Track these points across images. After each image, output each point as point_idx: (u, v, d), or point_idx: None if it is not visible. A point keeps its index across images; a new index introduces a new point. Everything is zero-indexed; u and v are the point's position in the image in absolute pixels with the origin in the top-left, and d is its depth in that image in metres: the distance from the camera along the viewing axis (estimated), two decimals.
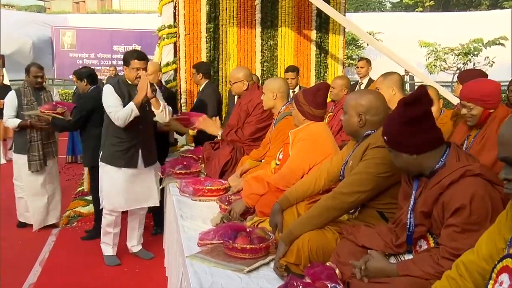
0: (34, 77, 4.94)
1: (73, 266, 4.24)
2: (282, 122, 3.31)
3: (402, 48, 12.92)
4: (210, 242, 2.42)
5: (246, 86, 4.13)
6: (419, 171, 1.84)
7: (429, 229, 1.79)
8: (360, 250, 1.97)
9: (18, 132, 4.92)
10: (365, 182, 2.13)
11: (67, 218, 5.43)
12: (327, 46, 6.83)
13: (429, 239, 1.80)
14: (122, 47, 16.52)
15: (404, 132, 1.79)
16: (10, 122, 4.86)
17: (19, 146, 4.90)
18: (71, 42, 16.57)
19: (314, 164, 2.73)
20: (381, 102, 2.31)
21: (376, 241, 1.94)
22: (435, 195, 1.71)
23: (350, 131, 2.36)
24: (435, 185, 1.72)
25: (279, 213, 2.42)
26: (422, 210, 1.76)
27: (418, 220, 1.78)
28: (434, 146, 1.80)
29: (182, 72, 6.05)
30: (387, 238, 1.91)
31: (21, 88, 4.96)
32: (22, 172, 4.93)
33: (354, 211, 2.28)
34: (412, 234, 1.81)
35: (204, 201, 3.40)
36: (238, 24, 6.30)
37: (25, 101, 4.87)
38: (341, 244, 2.07)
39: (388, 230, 1.96)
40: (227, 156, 3.95)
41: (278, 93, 3.38)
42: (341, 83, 4.98)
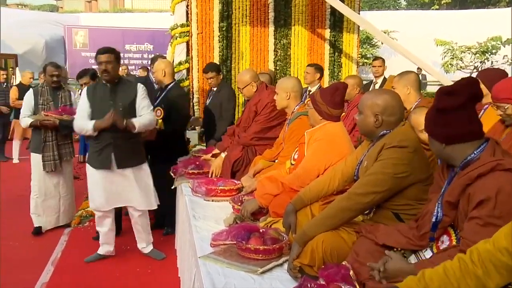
0: (50, 76, 4.95)
1: (85, 265, 4.27)
2: (296, 122, 3.31)
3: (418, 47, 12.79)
4: (223, 242, 2.43)
5: (255, 87, 4.14)
6: (448, 161, 1.85)
7: (452, 223, 1.78)
8: (379, 250, 1.95)
9: (34, 132, 4.96)
10: (381, 183, 2.12)
11: (79, 218, 5.47)
12: (341, 45, 6.82)
13: (451, 234, 1.78)
14: (134, 46, 16.61)
15: (435, 120, 1.81)
16: (23, 121, 4.90)
17: (35, 145, 4.94)
18: (83, 41, 16.69)
19: (330, 164, 2.73)
20: (397, 102, 2.30)
21: (397, 238, 1.93)
22: (463, 185, 1.70)
23: (366, 131, 2.35)
24: (464, 176, 1.72)
25: (292, 213, 2.42)
26: (447, 200, 1.75)
27: (444, 210, 1.78)
28: (466, 139, 1.78)
29: (195, 71, 6.09)
30: (409, 234, 1.91)
31: (39, 87, 4.99)
32: (36, 171, 4.95)
33: (369, 212, 2.28)
34: (437, 223, 1.79)
35: (217, 201, 3.42)
36: (251, 23, 6.32)
37: (41, 100, 4.88)
38: (360, 243, 2.06)
39: (409, 228, 1.95)
40: (237, 155, 3.96)
41: (292, 92, 3.37)
42: (353, 82, 4.96)
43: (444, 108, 1.77)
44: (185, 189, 3.76)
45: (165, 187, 4.73)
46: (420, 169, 2.15)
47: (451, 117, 1.78)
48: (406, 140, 2.15)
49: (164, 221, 5.07)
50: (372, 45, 19.04)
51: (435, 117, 1.81)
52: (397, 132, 2.23)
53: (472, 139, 1.79)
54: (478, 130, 1.81)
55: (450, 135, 1.78)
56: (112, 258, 4.36)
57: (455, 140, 1.78)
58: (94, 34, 16.73)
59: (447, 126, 1.78)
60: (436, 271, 1.49)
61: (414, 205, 2.14)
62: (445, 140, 1.79)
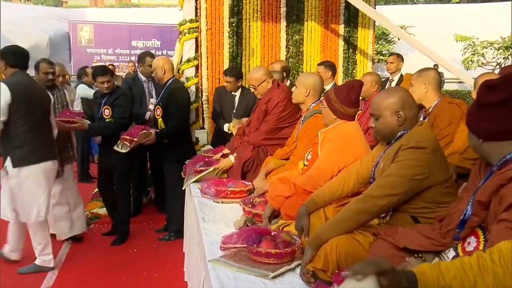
0: (45, 73, 4.64)
1: (90, 269, 4.32)
2: (310, 120, 3.31)
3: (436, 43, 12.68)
4: (233, 246, 2.45)
5: (270, 83, 4.14)
6: (484, 157, 1.85)
7: (482, 224, 1.76)
8: (398, 254, 1.94)
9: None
10: (398, 185, 2.12)
11: None
12: (355, 41, 6.80)
13: (479, 235, 1.76)
14: (141, 42, 16.69)
15: (475, 114, 1.82)
16: None
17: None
18: (89, 37, 16.78)
19: (344, 165, 2.73)
20: (410, 96, 2.35)
21: (418, 240, 1.92)
22: (496, 185, 1.69)
23: (388, 135, 2.33)
24: (499, 175, 1.70)
25: (305, 216, 2.42)
26: (479, 199, 1.74)
27: (474, 210, 1.76)
28: (506, 138, 1.76)
29: (204, 69, 6.09)
30: (431, 234, 1.90)
31: None
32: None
33: (385, 215, 2.27)
34: (465, 221, 1.78)
35: (227, 203, 3.44)
36: (262, 18, 6.32)
37: None
38: (377, 246, 2.05)
39: (431, 229, 1.94)
40: (248, 156, 3.97)
41: (312, 90, 3.38)
42: (370, 79, 4.96)
43: (485, 103, 1.77)
44: (194, 191, 3.78)
45: (173, 189, 4.78)
46: (439, 170, 2.14)
47: (492, 112, 1.76)
48: (424, 141, 2.14)
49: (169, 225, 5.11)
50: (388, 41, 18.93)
51: (475, 111, 1.82)
52: (415, 132, 2.23)
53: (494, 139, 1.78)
54: None
55: (490, 131, 1.77)
56: (118, 262, 4.40)
57: (494, 137, 1.77)
58: (100, 30, 16.81)
59: (487, 121, 1.77)
60: (452, 263, 1.47)
61: (433, 208, 2.13)
62: (484, 135, 1.79)
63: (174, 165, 4.75)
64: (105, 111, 4.86)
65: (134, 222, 5.44)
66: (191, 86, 5.97)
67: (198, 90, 6.11)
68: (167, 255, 4.60)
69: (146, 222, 5.57)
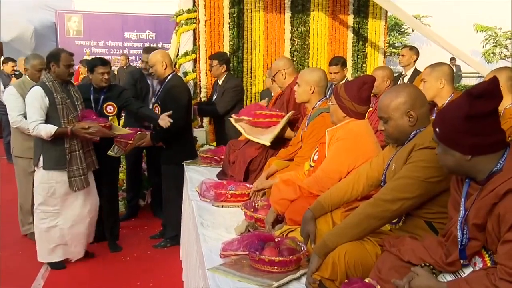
0: (66, 66, 4.27)
1: (78, 278, 4.33)
2: (317, 120, 3.32)
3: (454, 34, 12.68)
4: (234, 253, 2.46)
5: (285, 76, 4.18)
6: (469, 175, 1.81)
7: (484, 244, 1.75)
8: (405, 266, 1.95)
9: (50, 142, 4.19)
10: (411, 188, 2.12)
11: None
12: (366, 33, 6.82)
13: (484, 256, 1.76)
14: (135, 34, 16.70)
15: (463, 128, 1.73)
16: (42, 129, 4.11)
17: (52, 159, 4.23)
18: (77, 28, 16.77)
19: (353, 167, 2.74)
20: (420, 92, 2.35)
21: (424, 257, 1.91)
22: (489, 205, 1.68)
23: (400, 137, 2.33)
24: (489, 193, 1.69)
25: (311, 221, 2.42)
26: (474, 223, 1.72)
27: (471, 234, 1.75)
28: (494, 150, 1.75)
29: (202, 63, 6.12)
30: (437, 255, 1.89)
31: (47, 82, 4.21)
32: (58, 192, 4.29)
33: (397, 220, 2.28)
34: (465, 249, 1.77)
35: (227, 207, 3.45)
36: (265, 9, 6.35)
37: (59, 98, 4.19)
38: (383, 258, 2.06)
39: (438, 243, 1.93)
40: (254, 153, 3.96)
41: (316, 87, 3.39)
42: (382, 74, 4.98)
43: (475, 114, 1.71)
44: (192, 194, 3.80)
45: (170, 193, 4.80)
46: None
47: (482, 124, 1.73)
48: None
49: (165, 231, 5.13)
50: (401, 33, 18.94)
51: (460, 125, 1.74)
52: (429, 131, 2.20)
53: (500, 148, 1.76)
54: (505, 137, 1.78)
55: (480, 145, 1.74)
56: (112, 271, 4.42)
57: (483, 151, 1.75)
58: (89, 21, 16.80)
59: (478, 135, 1.73)
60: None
61: None
62: (472, 151, 1.74)
63: (172, 167, 4.77)
64: (107, 108, 4.78)
65: (127, 227, 5.46)
66: (188, 82, 5.99)
67: (196, 85, 6.13)
68: (163, 263, 4.62)
69: (140, 227, 5.60)
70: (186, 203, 4.17)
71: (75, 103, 4.36)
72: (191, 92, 5.99)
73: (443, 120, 1.80)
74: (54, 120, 4.16)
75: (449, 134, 1.78)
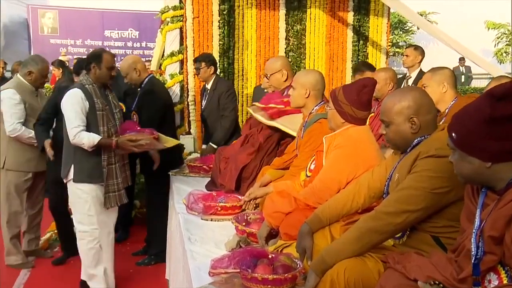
0: (108, 68, 4.14)
1: None
2: (314, 127, 3.31)
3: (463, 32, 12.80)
4: (225, 271, 2.46)
5: (286, 76, 4.14)
6: (486, 184, 1.80)
7: (500, 259, 1.74)
8: (411, 284, 1.95)
9: (84, 151, 4.00)
10: (415, 200, 2.13)
11: (47, 242, 5.53)
12: (367, 31, 6.86)
13: (500, 272, 1.75)
14: (116, 32, 16.67)
15: (484, 133, 1.73)
16: (85, 137, 3.92)
17: (84, 171, 4.04)
18: (52, 25, 16.69)
19: (353, 176, 2.76)
20: (428, 97, 2.35)
21: (432, 275, 1.91)
22: (508, 215, 1.67)
23: (401, 143, 2.35)
24: (508, 203, 1.69)
25: (308, 236, 2.43)
26: (491, 235, 1.71)
27: (487, 247, 1.74)
28: (507, 159, 1.75)
29: (190, 64, 6.12)
30: (447, 272, 1.88)
31: (87, 85, 4.02)
32: (93, 209, 4.10)
33: (401, 235, 2.29)
34: (479, 263, 1.76)
35: (217, 220, 3.46)
36: (258, 5, 6.38)
37: (99, 104, 4.02)
38: (387, 276, 2.06)
39: (447, 260, 1.94)
40: (246, 159, 3.96)
41: (312, 90, 3.39)
42: (385, 76, 4.99)
43: (499, 117, 1.71)
44: (179, 206, 3.80)
45: (155, 205, 4.79)
46: None
47: (506, 128, 1.73)
48: (446, 148, 2.09)
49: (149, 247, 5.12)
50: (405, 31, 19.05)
51: (481, 129, 1.73)
52: (435, 138, 2.23)
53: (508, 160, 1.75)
54: None
55: (503, 150, 1.74)
56: None
57: (508, 157, 1.74)
58: (66, 17, 16.72)
59: (501, 139, 1.72)
60: None
61: (457, 227, 2.09)
62: (494, 157, 1.74)
63: (156, 178, 4.78)
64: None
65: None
66: (175, 85, 6.00)
67: (183, 89, 6.13)
68: (147, 282, 4.61)
69: (121, 243, 5.58)
70: (172, 217, 4.17)
71: (113, 111, 4.21)
72: (178, 96, 6.01)
73: (461, 124, 1.79)
74: (92, 128, 3.98)
75: (467, 139, 1.77)
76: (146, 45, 15.92)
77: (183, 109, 6.16)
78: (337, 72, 6.80)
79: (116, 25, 16.70)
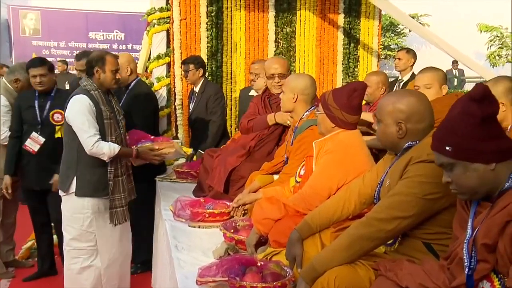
0: (113, 72, 3.95)
1: None
2: (306, 133, 3.30)
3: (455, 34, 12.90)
4: (212, 279, 2.46)
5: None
6: (491, 191, 1.79)
7: (494, 267, 1.75)
8: None
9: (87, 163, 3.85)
10: (407, 206, 2.14)
11: (29, 251, 5.47)
12: (358, 34, 6.90)
13: (493, 280, 1.76)
14: (101, 34, 16.58)
15: (481, 135, 1.75)
16: (105, 146, 3.77)
17: (89, 184, 3.87)
18: (34, 26, 16.55)
19: (344, 182, 2.77)
20: (425, 105, 2.33)
21: (424, 283, 1.92)
22: (501, 223, 1.68)
23: (387, 144, 2.39)
24: (501, 211, 1.70)
25: (298, 243, 2.44)
26: (484, 242, 1.73)
27: (480, 255, 1.75)
28: (509, 156, 1.78)
29: (177, 67, 6.12)
30: (439, 280, 1.89)
31: (92, 90, 3.85)
32: (95, 225, 3.93)
33: (393, 242, 2.31)
34: (473, 273, 1.77)
35: (205, 227, 3.45)
36: (247, 7, 6.39)
37: (106, 112, 3.86)
38: (378, 284, 2.07)
39: (440, 267, 1.95)
40: (235, 162, 3.95)
41: (300, 95, 3.40)
42: (376, 80, 5.02)
43: (489, 116, 1.75)
44: (165, 213, 3.80)
45: (141, 212, 4.78)
46: None
47: (495, 126, 1.77)
48: None
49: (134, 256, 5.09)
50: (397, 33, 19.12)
51: (475, 132, 1.75)
52: (427, 143, 2.20)
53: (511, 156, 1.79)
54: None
55: (501, 148, 1.76)
56: None
57: (506, 155, 1.77)
58: (49, 18, 16.59)
59: (496, 138, 1.76)
60: None
61: (450, 233, 2.11)
62: (496, 156, 1.76)
63: (141, 184, 4.77)
64: (54, 116, 4.65)
65: None
66: (161, 88, 5.99)
67: (170, 92, 6.13)
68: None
69: None
70: (159, 224, 4.16)
71: (117, 118, 4.03)
72: (165, 100, 6.01)
73: (454, 134, 1.79)
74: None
75: (466, 146, 1.77)
76: (132, 47, 15.86)
77: (170, 113, 6.15)
78: (327, 75, 6.83)
79: (101, 26, 16.62)
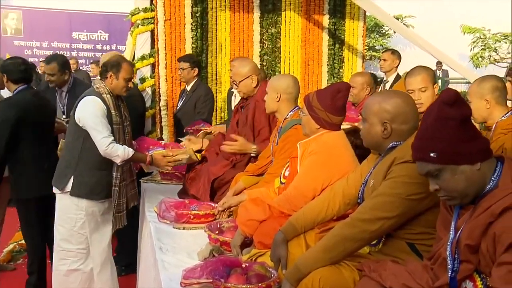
0: (126, 80, 3.88)
1: None
2: (290, 133, 3.33)
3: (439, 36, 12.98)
4: (197, 281, 2.45)
5: (256, 82, 4.06)
6: (480, 188, 1.80)
7: (476, 267, 1.77)
8: None
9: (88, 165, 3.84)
10: (391, 206, 2.16)
11: (10, 254, 5.43)
12: (343, 35, 6.92)
13: (476, 280, 1.78)
14: (84, 34, 16.45)
15: (464, 136, 1.77)
16: (120, 148, 3.76)
17: (86, 185, 3.84)
18: (16, 26, 16.38)
19: (328, 183, 2.78)
20: (411, 107, 2.36)
21: (408, 283, 1.94)
22: (484, 224, 1.70)
23: (371, 143, 2.41)
24: (484, 212, 1.72)
25: (283, 244, 2.45)
26: (467, 243, 1.74)
27: (463, 256, 1.77)
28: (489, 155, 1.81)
29: (162, 68, 6.10)
30: (422, 280, 1.91)
31: (104, 94, 3.81)
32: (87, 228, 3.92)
33: (377, 242, 2.32)
34: (456, 274, 1.79)
35: (190, 229, 3.45)
36: (232, 8, 6.38)
37: (116, 117, 3.84)
38: (362, 284, 2.09)
39: (423, 267, 1.97)
40: (219, 171, 3.94)
41: (283, 94, 3.41)
42: (361, 80, 5.05)
43: (467, 117, 1.77)
44: (150, 215, 3.79)
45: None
46: None
47: (472, 126, 1.80)
48: None
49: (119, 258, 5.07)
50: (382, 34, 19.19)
51: (461, 133, 1.77)
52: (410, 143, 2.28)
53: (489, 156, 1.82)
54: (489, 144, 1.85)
55: (483, 147, 1.79)
56: None
57: (488, 154, 1.79)
58: (31, 18, 16.44)
59: (476, 138, 1.78)
60: None
61: (434, 234, 2.14)
62: (480, 154, 1.78)
63: None
64: None
65: None
66: (147, 89, 5.98)
67: (155, 93, 6.11)
68: None
69: None
70: (143, 225, 4.15)
71: (123, 123, 3.97)
72: (150, 101, 5.99)
73: (437, 140, 1.80)
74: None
75: (451, 148, 1.78)
76: (117, 48, 15.71)
77: (155, 114, 6.13)
78: (312, 76, 6.84)
79: (84, 26, 16.48)
